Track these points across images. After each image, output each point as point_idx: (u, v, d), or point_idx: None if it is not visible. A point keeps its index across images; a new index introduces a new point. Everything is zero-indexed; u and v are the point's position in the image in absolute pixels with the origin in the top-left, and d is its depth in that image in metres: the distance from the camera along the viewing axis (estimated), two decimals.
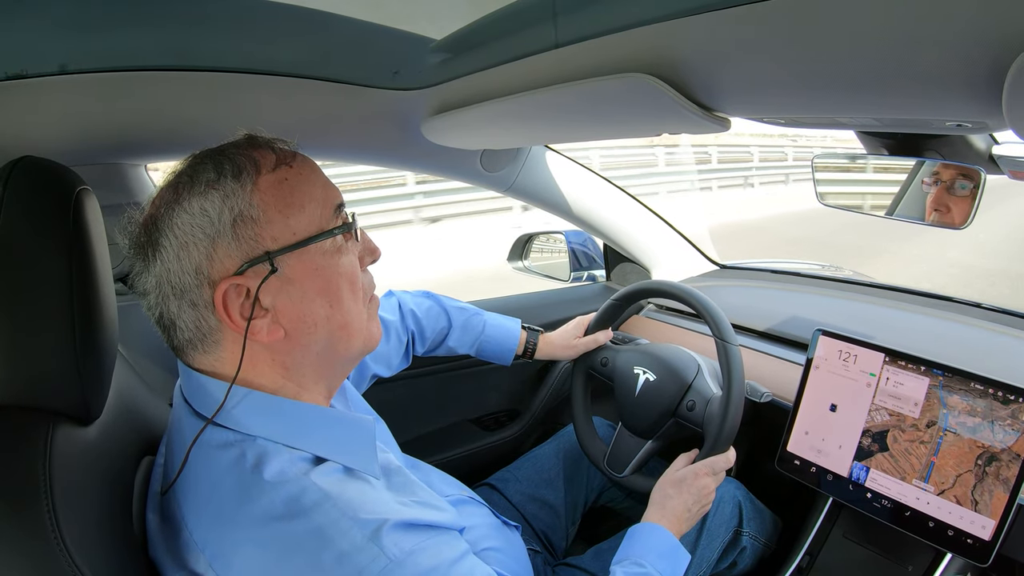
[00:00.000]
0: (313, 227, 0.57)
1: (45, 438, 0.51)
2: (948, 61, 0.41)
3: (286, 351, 0.58)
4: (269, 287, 0.55)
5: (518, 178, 1.30)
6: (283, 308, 0.56)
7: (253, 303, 0.54)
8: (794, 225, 8.35)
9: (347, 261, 0.60)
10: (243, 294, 0.54)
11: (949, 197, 0.89)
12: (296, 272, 0.56)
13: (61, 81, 0.78)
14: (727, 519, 1.01)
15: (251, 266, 0.54)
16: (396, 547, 0.50)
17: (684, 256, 1.59)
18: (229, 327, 0.55)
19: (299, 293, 0.56)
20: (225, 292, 0.53)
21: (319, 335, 0.58)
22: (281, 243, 0.55)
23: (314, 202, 0.57)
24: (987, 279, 5.54)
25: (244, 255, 0.54)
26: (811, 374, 0.98)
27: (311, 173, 0.59)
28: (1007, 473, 0.78)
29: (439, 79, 0.88)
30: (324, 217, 0.58)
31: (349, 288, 0.60)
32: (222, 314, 0.54)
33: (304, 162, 0.59)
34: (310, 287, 0.57)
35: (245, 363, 0.56)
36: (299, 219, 0.56)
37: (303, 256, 0.56)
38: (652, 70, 0.57)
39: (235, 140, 0.59)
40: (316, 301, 0.57)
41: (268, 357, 0.57)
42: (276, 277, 0.55)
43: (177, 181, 0.55)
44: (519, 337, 1.11)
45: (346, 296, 0.59)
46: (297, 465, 0.53)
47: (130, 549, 0.56)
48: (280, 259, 0.55)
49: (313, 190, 0.58)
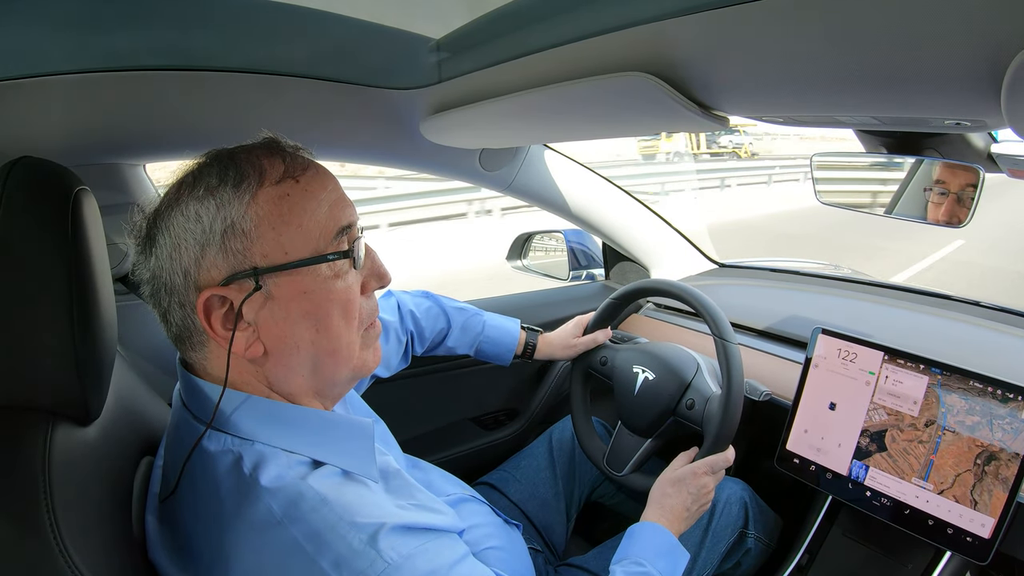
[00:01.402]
0: (308, 249, 0.55)
1: (44, 438, 0.51)
2: (947, 60, 0.41)
3: (269, 368, 0.57)
4: (252, 303, 0.54)
5: (517, 177, 1.30)
6: (265, 326, 0.55)
7: (236, 316, 0.54)
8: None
9: (343, 286, 0.57)
10: (226, 305, 0.54)
11: (959, 208, 0.89)
12: (282, 292, 0.54)
13: (59, 81, 0.78)
14: (733, 520, 1.01)
15: (236, 280, 0.53)
16: (394, 551, 0.50)
17: (683, 255, 1.59)
18: (210, 335, 0.54)
19: (283, 313, 0.55)
20: (207, 300, 0.53)
21: (302, 358, 0.57)
22: (270, 261, 0.53)
23: (314, 222, 0.55)
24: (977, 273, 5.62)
25: (230, 267, 0.53)
26: (810, 373, 0.98)
27: (319, 190, 0.56)
28: (1006, 472, 0.78)
29: (438, 78, 0.88)
30: (323, 239, 0.55)
31: (341, 314, 0.57)
32: (203, 322, 0.53)
33: (314, 178, 0.57)
34: (295, 309, 0.55)
35: (232, 371, 0.55)
36: (293, 239, 0.54)
37: (293, 277, 0.54)
38: (650, 69, 0.57)
39: (253, 143, 0.58)
40: (300, 324, 0.55)
41: (252, 369, 0.57)
42: (260, 294, 0.54)
43: (183, 180, 0.55)
44: (518, 337, 1.11)
45: (336, 322, 0.57)
46: (295, 469, 0.53)
47: (129, 550, 0.56)
48: (266, 277, 0.53)
49: (316, 209, 0.55)
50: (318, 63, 0.87)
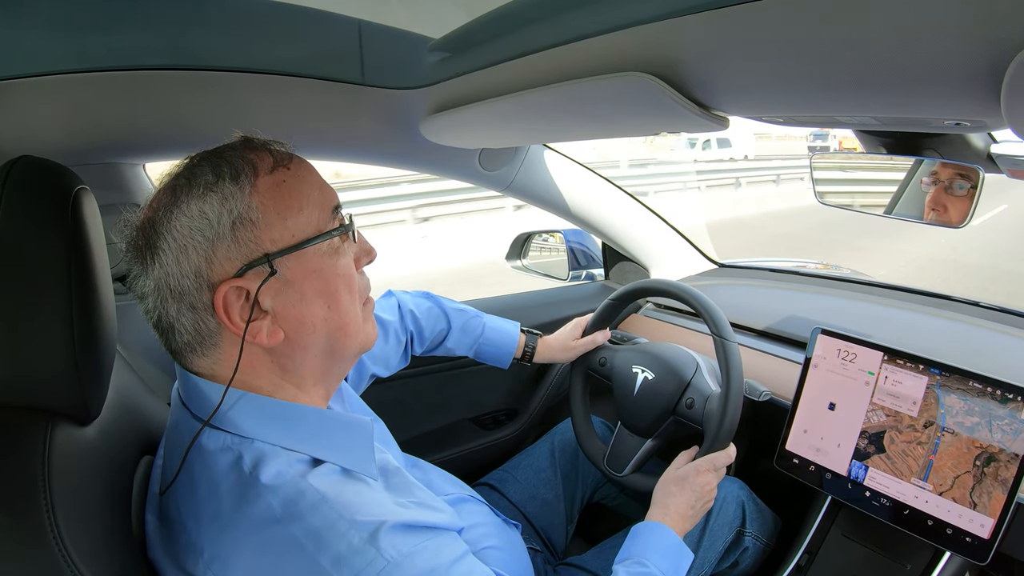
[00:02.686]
0: (311, 229, 0.57)
1: (44, 438, 0.51)
2: (946, 60, 0.41)
3: (286, 353, 0.58)
4: (268, 289, 0.55)
5: (516, 177, 1.30)
6: (283, 310, 0.56)
7: (252, 305, 0.54)
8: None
9: (344, 263, 0.60)
10: (243, 296, 0.54)
11: (947, 197, 0.89)
12: (295, 274, 0.56)
13: (60, 81, 0.78)
14: (730, 519, 1.01)
15: (251, 268, 0.54)
16: (394, 549, 0.50)
17: (683, 255, 1.59)
18: (229, 329, 0.55)
19: (298, 295, 0.56)
20: (225, 295, 0.53)
21: (318, 336, 0.58)
22: (280, 245, 0.55)
23: (312, 204, 0.57)
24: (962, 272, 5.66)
25: (244, 257, 0.54)
26: (810, 373, 0.98)
27: (308, 175, 0.59)
28: (1005, 474, 0.78)
29: (437, 78, 0.88)
30: (322, 219, 0.58)
31: (347, 289, 0.60)
32: (222, 317, 0.54)
33: (300, 164, 0.59)
34: (309, 289, 0.57)
35: (243, 365, 0.56)
36: (297, 221, 0.56)
37: (301, 258, 0.56)
38: (650, 69, 0.57)
39: (231, 142, 0.59)
40: (315, 303, 0.57)
41: (267, 359, 0.58)
42: (275, 279, 0.55)
43: (174, 184, 0.55)
44: (518, 340, 1.11)
45: (344, 297, 0.59)
46: (294, 467, 0.53)
47: (129, 549, 0.56)
48: (279, 261, 0.55)
49: (311, 192, 0.58)
50: (318, 63, 0.87)
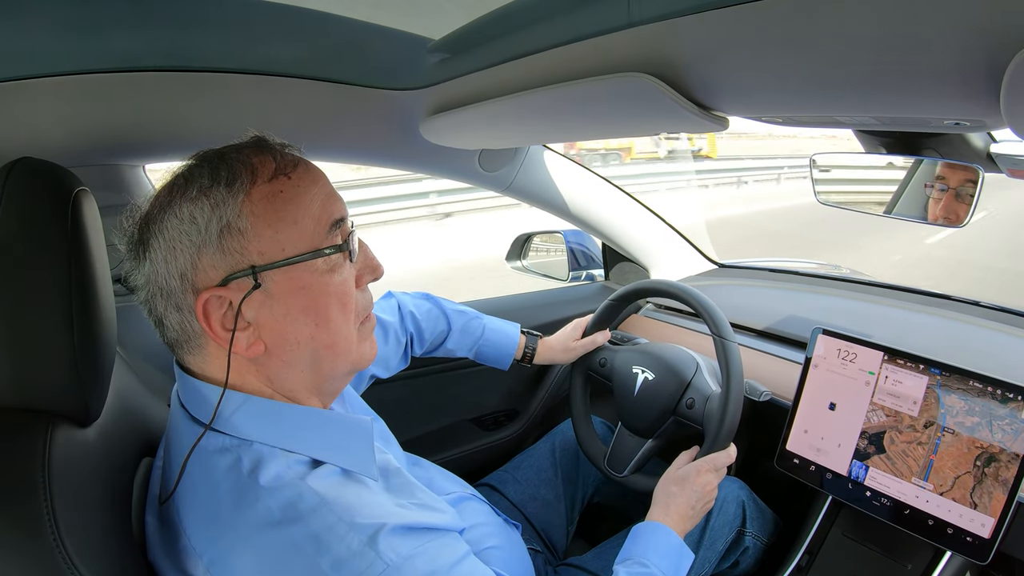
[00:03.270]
0: (304, 244, 0.55)
1: (44, 439, 0.51)
2: (946, 60, 0.41)
3: (268, 365, 0.57)
4: (252, 301, 0.54)
5: (516, 178, 1.30)
6: (265, 323, 0.55)
7: (236, 315, 0.53)
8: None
9: (339, 280, 0.57)
10: (225, 305, 0.54)
11: (958, 204, 0.89)
12: (281, 288, 0.54)
13: (59, 82, 0.78)
14: (730, 519, 1.01)
15: (234, 279, 0.53)
16: (393, 552, 0.50)
17: (682, 255, 1.59)
18: (210, 336, 0.54)
19: (282, 310, 0.55)
20: (206, 302, 0.53)
21: (302, 353, 0.57)
22: (268, 258, 0.53)
23: (308, 217, 0.55)
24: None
25: (229, 267, 0.53)
26: (810, 373, 0.98)
27: (311, 185, 0.56)
28: (1006, 474, 0.78)
29: (437, 79, 0.88)
30: (318, 234, 0.56)
31: (339, 307, 0.58)
32: (203, 323, 0.53)
33: (305, 174, 0.57)
34: (294, 305, 0.55)
35: (232, 370, 0.55)
36: (289, 235, 0.54)
37: (290, 273, 0.54)
38: (650, 69, 0.57)
39: (241, 142, 0.58)
40: (299, 319, 0.55)
41: (253, 368, 0.57)
42: (260, 292, 0.54)
43: (173, 183, 0.55)
44: (518, 341, 1.11)
45: (334, 316, 0.57)
46: (294, 469, 0.53)
47: (129, 551, 0.56)
48: (265, 274, 0.53)
49: (310, 204, 0.56)
50: (318, 64, 0.87)
